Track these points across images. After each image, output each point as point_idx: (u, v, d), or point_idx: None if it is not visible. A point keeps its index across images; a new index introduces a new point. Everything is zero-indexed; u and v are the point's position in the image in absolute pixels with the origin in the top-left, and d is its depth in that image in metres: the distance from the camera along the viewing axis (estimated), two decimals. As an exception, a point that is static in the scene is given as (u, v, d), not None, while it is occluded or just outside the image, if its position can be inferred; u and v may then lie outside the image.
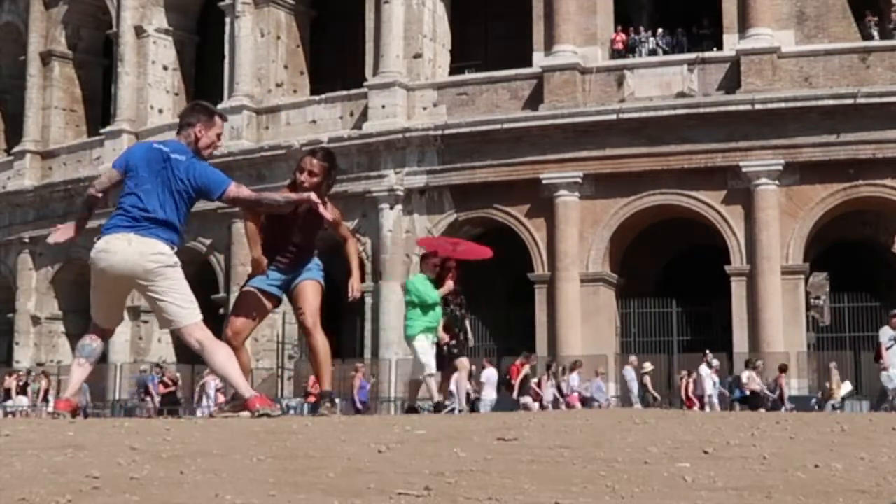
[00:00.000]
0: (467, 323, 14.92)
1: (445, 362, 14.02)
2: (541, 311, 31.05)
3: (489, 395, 26.75)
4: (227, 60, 35.89)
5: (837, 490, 3.85)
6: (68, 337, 40.39)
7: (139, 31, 38.46)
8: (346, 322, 33.53)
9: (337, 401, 13.52)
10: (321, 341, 8.02)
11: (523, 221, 31.59)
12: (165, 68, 38.92)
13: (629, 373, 27.80)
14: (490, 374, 28.13)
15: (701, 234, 31.46)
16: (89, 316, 7.59)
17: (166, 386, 30.43)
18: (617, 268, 31.73)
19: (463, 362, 14.64)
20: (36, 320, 40.04)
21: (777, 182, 29.44)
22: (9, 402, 31.90)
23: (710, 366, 27.16)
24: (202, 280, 35.70)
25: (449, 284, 13.44)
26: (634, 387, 27.49)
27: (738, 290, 29.57)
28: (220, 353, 7.17)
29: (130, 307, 37.45)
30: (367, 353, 32.50)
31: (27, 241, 40.30)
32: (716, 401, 26.79)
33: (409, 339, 13.30)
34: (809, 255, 30.20)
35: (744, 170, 29.44)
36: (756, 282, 29.22)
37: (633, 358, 28.40)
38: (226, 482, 3.75)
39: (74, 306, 40.13)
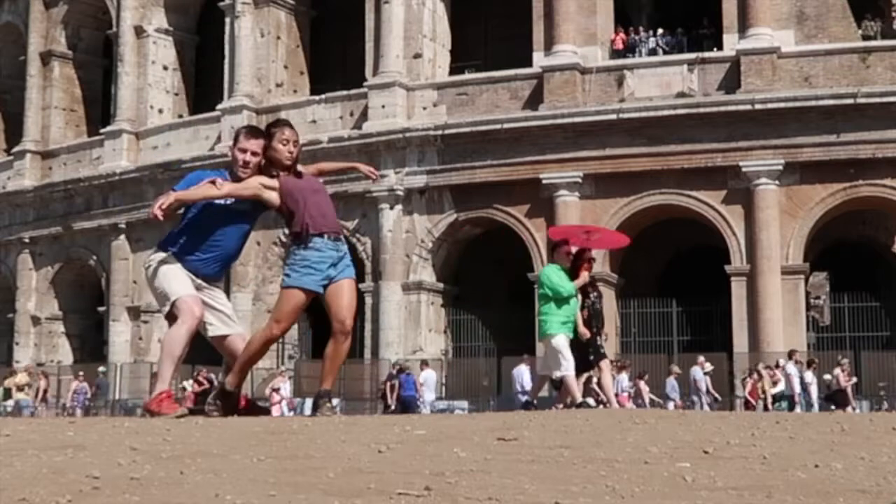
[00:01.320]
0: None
1: (588, 361, 13.05)
2: (541, 311, 30.98)
3: (428, 396, 27.21)
4: (227, 60, 35.90)
5: (837, 490, 3.85)
6: (68, 337, 40.43)
7: (139, 31, 38.47)
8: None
9: (335, 401, 13.24)
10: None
11: (523, 221, 31.58)
12: (165, 68, 38.92)
13: (697, 372, 27.54)
14: (429, 376, 28.18)
15: (701, 234, 31.46)
16: (89, 316, 7.64)
17: (200, 385, 30.34)
18: (617, 268, 31.73)
19: (606, 364, 13.64)
20: (36, 320, 40.03)
21: (777, 182, 29.44)
22: (9, 402, 31.89)
23: (703, 369, 27.12)
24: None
25: (585, 275, 12.51)
26: (703, 386, 27.28)
27: (738, 289, 29.57)
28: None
29: (130, 307, 37.51)
30: (367, 353, 32.50)
31: (27, 241, 40.33)
32: (706, 402, 26.81)
33: (546, 337, 12.33)
34: (809, 255, 30.19)
35: (744, 170, 29.44)
36: (756, 282, 29.21)
37: (701, 358, 28.02)
38: (226, 482, 3.75)
39: (74, 306, 40.17)
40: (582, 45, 31.51)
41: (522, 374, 26.68)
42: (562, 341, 12.08)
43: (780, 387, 26.13)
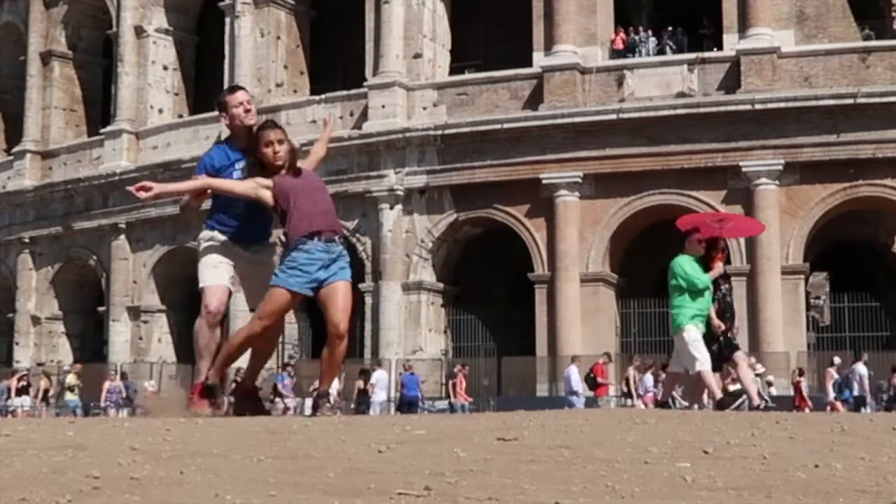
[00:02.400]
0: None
1: (723, 354, 12.45)
2: (541, 311, 31.04)
3: (379, 396, 27.45)
4: (227, 60, 35.89)
5: (837, 490, 3.84)
6: (68, 337, 40.42)
7: (139, 31, 38.46)
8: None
9: (333, 400, 13.16)
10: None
11: (523, 221, 31.59)
12: (165, 68, 38.92)
13: (861, 368, 27.31)
14: (380, 376, 28.27)
15: (701, 234, 31.44)
16: (89, 316, 7.70)
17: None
18: (617, 268, 31.74)
19: (741, 355, 13.03)
20: (36, 320, 40.03)
21: (777, 182, 29.44)
22: (10, 402, 31.87)
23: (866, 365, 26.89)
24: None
25: (719, 266, 12.01)
26: (866, 384, 26.95)
27: (738, 290, 29.43)
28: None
29: (130, 307, 37.50)
30: (367, 353, 32.50)
31: (27, 241, 40.32)
32: (681, 400, 26.72)
33: (679, 330, 11.68)
34: (809, 255, 30.20)
35: (744, 170, 29.44)
36: (756, 282, 29.21)
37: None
38: (226, 482, 3.75)
39: (74, 306, 40.17)
40: (582, 45, 31.51)
41: (571, 375, 26.72)
42: (695, 335, 11.57)
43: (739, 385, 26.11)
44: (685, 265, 11.69)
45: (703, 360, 11.53)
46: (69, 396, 31.52)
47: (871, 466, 4.54)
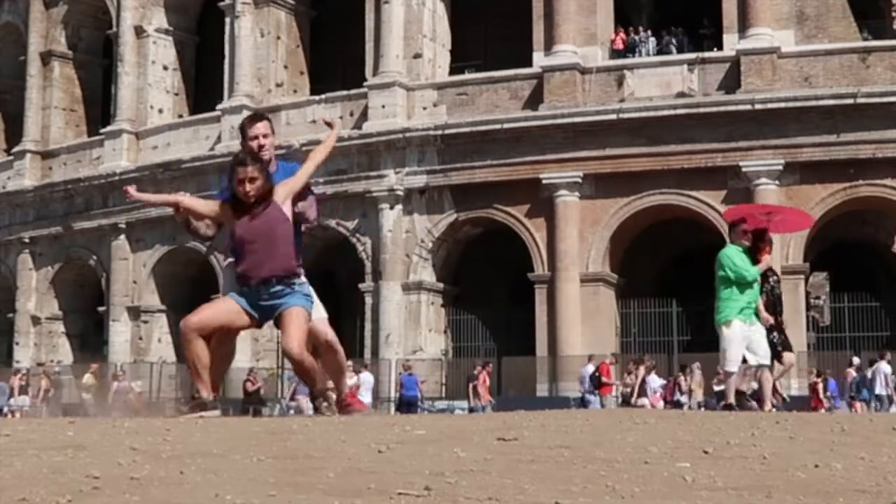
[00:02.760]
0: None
1: (776, 349, 11.99)
2: (541, 311, 31.04)
3: (365, 398, 27.11)
4: (227, 60, 35.89)
5: (837, 490, 3.84)
6: (68, 337, 40.41)
7: (139, 31, 38.46)
8: (346, 322, 33.54)
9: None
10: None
11: (523, 221, 31.59)
12: (165, 68, 38.92)
13: (885, 367, 27.01)
14: (366, 378, 28.20)
15: (701, 234, 31.45)
16: (89, 316, 7.68)
17: (253, 384, 30.16)
18: (617, 268, 31.73)
19: (790, 358, 12.57)
20: (36, 320, 40.03)
21: (777, 182, 29.44)
22: (12, 401, 31.89)
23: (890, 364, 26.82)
24: (202, 280, 35.73)
25: (767, 259, 11.60)
26: (891, 382, 26.84)
27: (738, 290, 29.54)
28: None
29: (130, 307, 37.51)
30: (367, 353, 32.50)
31: (27, 241, 40.33)
32: (660, 400, 26.72)
33: (721, 323, 11.29)
34: (809, 255, 30.20)
35: (744, 170, 29.44)
36: (756, 282, 29.17)
37: (888, 355, 27.70)
38: (226, 482, 3.75)
39: (74, 306, 40.17)
40: (582, 45, 31.51)
41: (587, 374, 26.80)
42: (733, 331, 11.15)
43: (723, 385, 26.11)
44: (734, 256, 11.30)
45: (733, 361, 11.20)
46: (85, 396, 31.50)
47: (871, 466, 4.54)
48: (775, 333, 12.03)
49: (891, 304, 30.70)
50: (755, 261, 11.48)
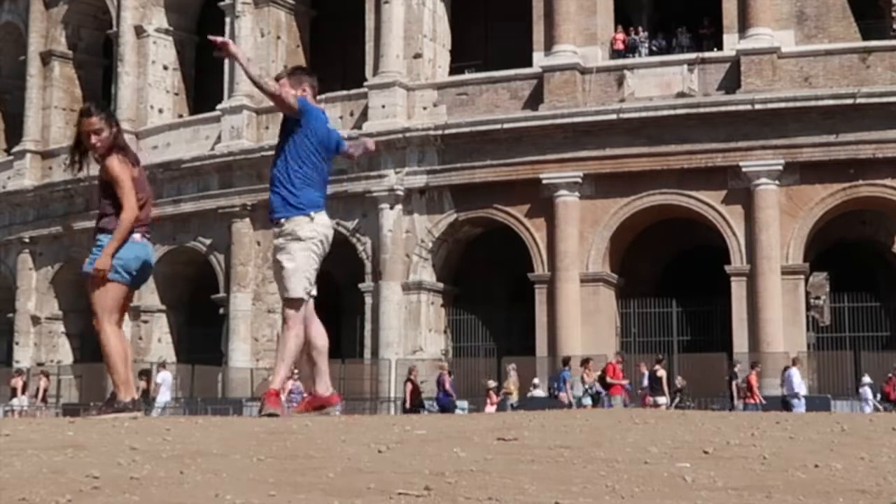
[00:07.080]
0: None
1: None
2: (541, 311, 31.04)
3: (164, 397, 27.51)
4: (226, 60, 35.86)
5: (837, 490, 3.84)
6: (68, 337, 40.41)
7: (139, 31, 38.47)
8: (346, 322, 33.55)
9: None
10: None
11: (523, 221, 31.59)
12: (165, 68, 38.92)
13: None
14: (165, 377, 28.22)
15: (701, 234, 31.48)
16: (89, 316, 7.54)
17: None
18: (617, 268, 31.73)
19: None
20: (36, 320, 40.04)
21: (777, 182, 29.44)
22: (14, 401, 31.86)
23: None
24: (202, 280, 35.74)
25: None
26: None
27: (738, 290, 29.57)
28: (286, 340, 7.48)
29: (131, 307, 37.47)
30: (367, 353, 32.50)
31: (27, 241, 40.34)
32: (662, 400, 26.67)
33: None
34: (809, 255, 30.20)
35: (744, 170, 29.44)
36: (756, 282, 29.22)
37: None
38: (226, 482, 3.75)
39: (74, 306, 40.13)
40: (582, 45, 31.51)
41: (565, 376, 26.89)
42: None
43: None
44: None
45: None
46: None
47: (871, 466, 4.54)
48: None
49: (891, 304, 30.72)
50: None
